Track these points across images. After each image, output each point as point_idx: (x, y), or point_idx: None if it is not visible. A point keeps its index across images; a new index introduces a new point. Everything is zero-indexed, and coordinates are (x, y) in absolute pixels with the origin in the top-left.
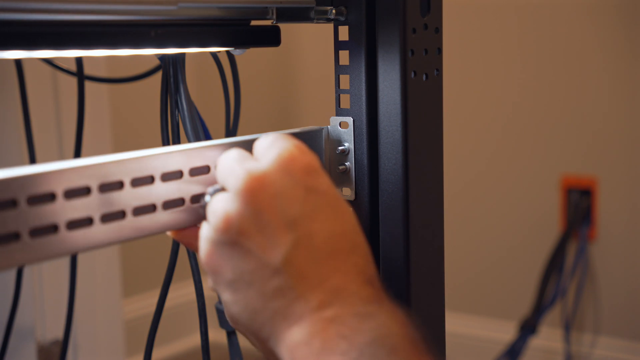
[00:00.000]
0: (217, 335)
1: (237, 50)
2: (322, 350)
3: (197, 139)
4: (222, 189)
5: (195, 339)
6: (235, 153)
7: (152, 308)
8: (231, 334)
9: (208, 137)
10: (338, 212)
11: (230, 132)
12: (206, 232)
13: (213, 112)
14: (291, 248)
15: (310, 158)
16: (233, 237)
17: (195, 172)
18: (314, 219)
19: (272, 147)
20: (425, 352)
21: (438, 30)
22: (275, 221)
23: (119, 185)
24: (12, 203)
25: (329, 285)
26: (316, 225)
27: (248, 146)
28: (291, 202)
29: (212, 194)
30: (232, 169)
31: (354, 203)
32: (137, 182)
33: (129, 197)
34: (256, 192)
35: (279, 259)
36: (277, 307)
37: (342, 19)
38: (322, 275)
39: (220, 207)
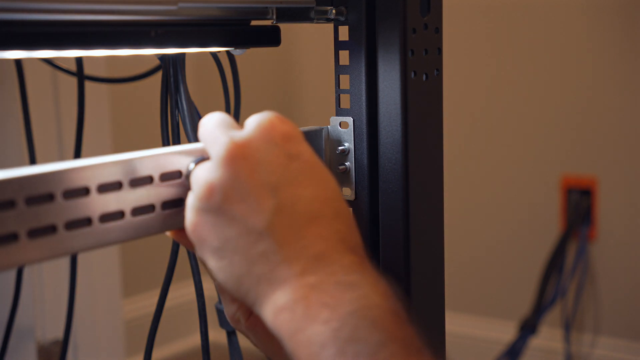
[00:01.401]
0: (217, 335)
1: (237, 50)
2: (304, 317)
3: (197, 139)
4: (206, 158)
5: (195, 339)
6: (218, 118)
7: (152, 308)
8: (231, 334)
9: None
10: (320, 178)
11: None
12: (191, 200)
13: (213, 112)
14: (274, 213)
15: (290, 126)
16: (216, 204)
17: None
18: (296, 185)
19: (254, 118)
20: (406, 323)
21: (438, 30)
22: (258, 188)
23: (118, 185)
24: (10, 204)
25: (312, 252)
26: (298, 191)
27: None
28: (273, 169)
29: (196, 162)
30: (214, 136)
31: (354, 203)
32: (136, 182)
33: (127, 198)
34: (238, 160)
35: (263, 224)
36: (262, 272)
37: (342, 19)
38: (305, 240)
39: (202, 176)
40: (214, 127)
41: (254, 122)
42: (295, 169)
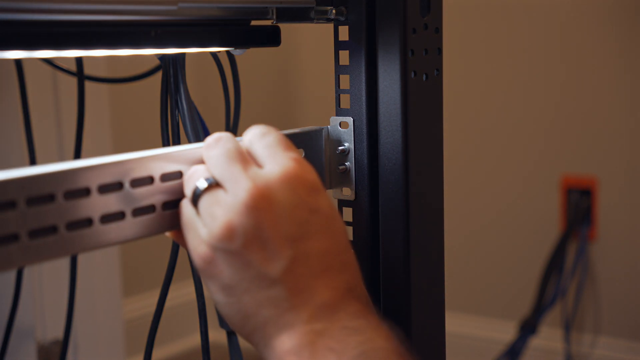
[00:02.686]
0: (217, 335)
1: (237, 50)
2: None
3: (197, 139)
4: (216, 184)
5: (195, 339)
6: (230, 148)
7: (152, 308)
8: (231, 334)
9: None
10: (334, 232)
11: (231, 132)
12: (204, 235)
13: (213, 112)
14: (289, 263)
15: (313, 177)
16: (235, 248)
17: None
18: (312, 238)
19: (275, 156)
20: None
21: (438, 30)
22: (278, 239)
23: (119, 186)
24: (11, 204)
25: (320, 300)
26: (314, 244)
27: None
28: (294, 222)
29: (206, 188)
30: (233, 174)
31: (354, 203)
32: (137, 182)
33: (128, 198)
34: (262, 209)
35: (277, 272)
36: (270, 315)
37: (342, 19)
38: (315, 290)
39: (221, 215)
40: (230, 162)
41: (277, 166)
42: (313, 223)
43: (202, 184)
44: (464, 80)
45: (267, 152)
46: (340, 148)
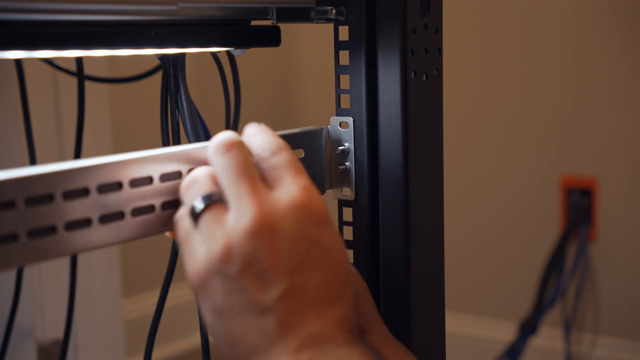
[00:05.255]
0: None
1: (237, 50)
2: None
3: (197, 139)
4: (219, 199)
5: (195, 339)
6: (242, 160)
7: (152, 308)
8: None
9: (208, 137)
10: (333, 265)
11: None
12: (201, 253)
13: (213, 112)
14: (283, 293)
15: (320, 207)
16: (230, 271)
17: None
18: (309, 270)
19: (285, 180)
20: None
21: (438, 30)
22: (275, 269)
23: (118, 186)
24: (10, 204)
25: (309, 330)
26: (310, 276)
27: None
28: (293, 254)
29: (208, 205)
30: (240, 192)
31: (354, 203)
32: (136, 182)
33: (127, 198)
34: (264, 237)
35: (270, 301)
36: (257, 344)
37: (342, 19)
38: (305, 321)
39: (221, 236)
40: (239, 178)
41: (286, 193)
42: (313, 256)
43: (202, 202)
44: (464, 80)
45: (276, 173)
46: (340, 148)
